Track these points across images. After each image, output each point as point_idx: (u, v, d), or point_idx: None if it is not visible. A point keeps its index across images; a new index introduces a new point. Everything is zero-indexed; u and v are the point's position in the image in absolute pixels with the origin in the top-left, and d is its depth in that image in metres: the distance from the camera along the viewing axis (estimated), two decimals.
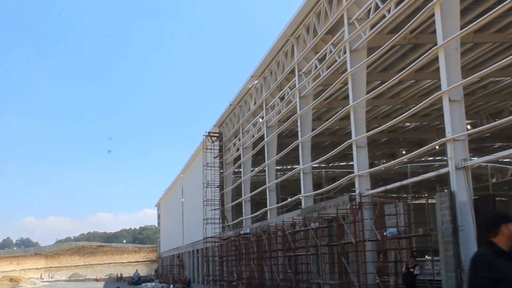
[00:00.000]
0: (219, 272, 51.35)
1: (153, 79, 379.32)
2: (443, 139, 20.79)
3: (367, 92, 27.09)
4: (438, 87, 23.02)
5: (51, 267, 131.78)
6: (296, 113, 34.01)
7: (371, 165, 31.21)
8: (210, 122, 57.53)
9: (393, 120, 27.13)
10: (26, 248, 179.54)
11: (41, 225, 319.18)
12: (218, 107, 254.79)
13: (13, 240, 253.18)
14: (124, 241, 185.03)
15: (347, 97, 29.55)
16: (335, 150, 30.83)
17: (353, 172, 27.20)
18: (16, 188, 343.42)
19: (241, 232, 42.72)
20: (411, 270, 19.83)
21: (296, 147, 34.88)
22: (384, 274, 24.03)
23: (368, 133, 27.08)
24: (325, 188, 35.00)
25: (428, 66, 29.09)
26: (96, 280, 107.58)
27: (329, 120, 32.60)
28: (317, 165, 45.47)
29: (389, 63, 31.25)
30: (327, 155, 32.49)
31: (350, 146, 27.54)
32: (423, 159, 51.69)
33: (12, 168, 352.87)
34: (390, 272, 24.46)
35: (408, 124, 42.85)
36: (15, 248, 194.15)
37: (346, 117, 29.80)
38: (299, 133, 33.79)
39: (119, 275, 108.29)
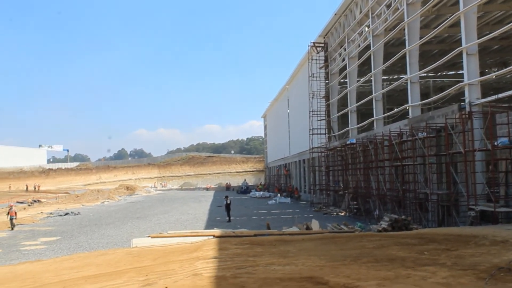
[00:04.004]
0: (325, 182, 52.11)
1: None
2: None
3: None
4: None
5: (163, 176, 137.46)
6: (403, 21, 33.12)
7: (482, 74, 30.14)
8: (315, 33, 57.06)
9: (506, 26, 25.82)
10: (139, 158, 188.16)
11: (151, 137, 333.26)
12: (323, 17, 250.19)
13: (127, 151, 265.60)
14: (232, 151, 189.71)
15: (457, 2, 28.33)
16: (444, 58, 29.95)
17: (462, 81, 26.48)
18: (128, 102, 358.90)
19: (347, 142, 42.92)
20: None
21: (403, 56, 34.16)
22: (494, 184, 23.68)
23: (479, 40, 26.09)
24: (433, 98, 34.25)
25: None
26: (206, 189, 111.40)
27: (437, 28, 31.49)
28: (425, 74, 44.52)
29: None
30: (435, 63, 31.58)
31: (460, 54, 26.73)
32: None
33: (123, 84, 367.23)
34: (501, 183, 24.07)
35: None
36: (129, 159, 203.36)
37: (456, 24, 28.77)
38: (406, 42, 33.02)
39: (227, 185, 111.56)
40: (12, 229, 35.20)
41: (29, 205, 61.69)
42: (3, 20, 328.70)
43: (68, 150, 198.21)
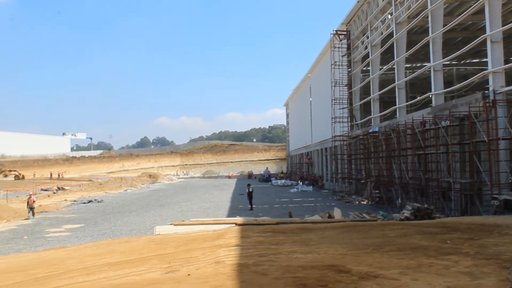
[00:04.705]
0: (348, 170, 52.02)
1: None
2: None
3: None
4: None
5: (186, 164, 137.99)
6: (427, 8, 32.84)
7: (506, 62, 29.77)
8: (337, 21, 56.77)
9: None
10: (162, 146, 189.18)
11: (174, 125, 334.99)
12: (345, 5, 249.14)
13: (150, 139, 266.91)
14: (254, 140, 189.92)
15: None
16: (468, 46, 29.68)
17: (486, 69, 26.24)
18: (151, 90, 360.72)
19: (370, 131, 42.75)
20: None
21: (426, 44, 33.91)
22: None
23: (504, 27, 25.78)
24: (456, 86, 33.96)
25: None
26: (229, 177, 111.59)
27: (461, 15, 31.17)
28: (448, 62, 44.10)
29: None
30: (459, 51, 31.31)
31: (484, 41, 26.47)
32: None
33: (146, 72, 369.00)
34: None
35: None
36: (152, 147, 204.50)
37: (480, 11, 28.43)
38: (430, 29, 32.75)
39: (249, 173, 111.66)
40: (31, 217, 35.30)
41: (54, 193, 62.41)
42: (29, 11, 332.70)
43: (91, 138, 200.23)
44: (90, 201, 48.63)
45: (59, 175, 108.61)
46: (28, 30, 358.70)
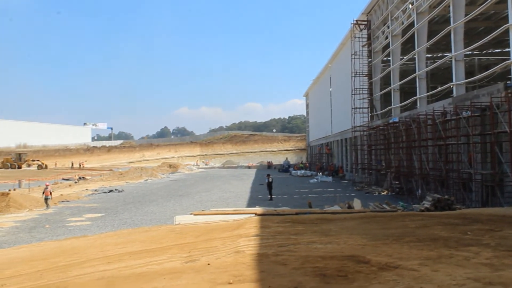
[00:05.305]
0: (368, 161, 51.85)
1: None
2: None
3: None
4: None
5: (205, 154, 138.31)
6: None
7: None
8: (357, 10, 56.46)
9: None
10: (182, 136, 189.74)
11: (194, 115, 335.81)
12: None
13: (170, 129, 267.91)
14: (274, 130, 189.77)
15: None
16: (490, 36, 29.37)
17: (509, 59, 25.99)
18: (171, 81, 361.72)
19: (390, 121, 42.55)
20: None
21: (448, 34, 33.61)
22: None
23: None
24: (478, 76, 33.65)
25: None
26: (248, 167, 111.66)
27: (484, 4, 30.80)
28: (470, 52, 43.67)
29: None
30: (481, 41, 30.98)
31: (507, 31, 26.18)
32: None
33: (166, 63, 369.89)
34: None
35: None
36: (172, 137, 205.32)
37: (503, 0, 28.12)
38: (451, 19, 32.46)
39: (269, 163, 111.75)
40: (47, 208, 35.27)
41: (75, 182, 62.87)
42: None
43: (112, 128, 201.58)
44: (110, 191, 48.92)
45: (80, 165, 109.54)
46: (45, 21, 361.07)
